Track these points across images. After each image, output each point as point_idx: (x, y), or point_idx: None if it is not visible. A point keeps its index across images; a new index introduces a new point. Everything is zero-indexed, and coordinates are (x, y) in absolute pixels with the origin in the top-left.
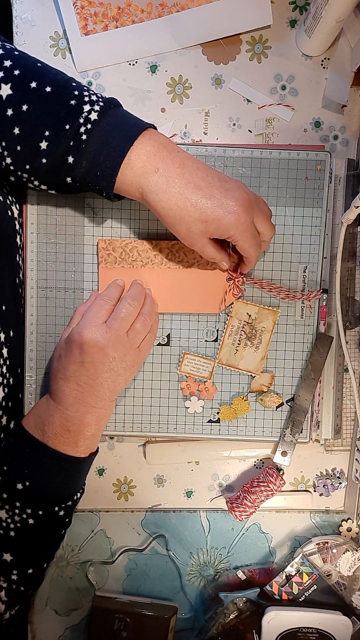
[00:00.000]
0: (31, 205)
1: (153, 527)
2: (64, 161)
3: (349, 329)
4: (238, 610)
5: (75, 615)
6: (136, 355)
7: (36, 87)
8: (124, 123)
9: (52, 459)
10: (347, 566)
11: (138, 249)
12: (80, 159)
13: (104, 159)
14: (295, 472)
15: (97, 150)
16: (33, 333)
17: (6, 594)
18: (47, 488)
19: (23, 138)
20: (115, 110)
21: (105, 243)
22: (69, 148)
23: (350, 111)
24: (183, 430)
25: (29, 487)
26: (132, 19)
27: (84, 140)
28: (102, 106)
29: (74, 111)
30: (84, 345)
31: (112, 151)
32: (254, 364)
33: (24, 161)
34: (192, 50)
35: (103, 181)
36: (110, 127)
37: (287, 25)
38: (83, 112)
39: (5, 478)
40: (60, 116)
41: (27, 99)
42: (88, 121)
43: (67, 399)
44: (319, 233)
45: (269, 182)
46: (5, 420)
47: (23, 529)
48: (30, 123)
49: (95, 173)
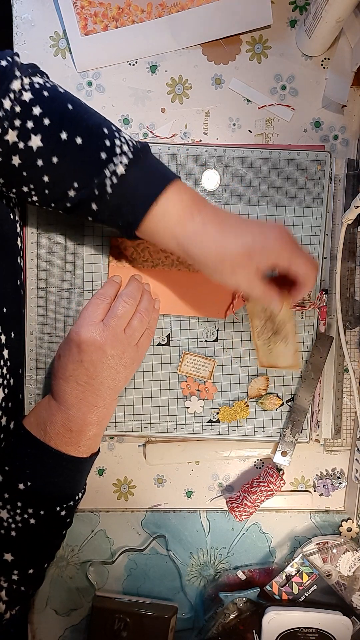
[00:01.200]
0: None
1: (153, 527)
2: (88, 207)
3: (349, 329)
4: (238, 610)
5: (75, 615)
6: (135, 352)
7: (67, 139)
8: (150, 176)
9: (54, 459)
10: (347, 566)
11: (149, 249)
12: (104, 208)
13: (126, 212)
14: (295, 472)
15: (121, 204)
16: (33, 333)
17: (6, 593)
18: (48, 488)
19: (51, 186)
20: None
21: (117, 242)
22: (94, 197)
23: (350, 111)
24: (183, 430)
25: (30, 487)
26: (132, 19)
27: (109, 194)
28: (131, 159)
29: (104, 164)
30: (81, 344)
31: (135, 205)
32: (290, 358)
33: (50, 202)
34: (192, 50)
35: (124, 231)
36: (136, 181)
37: (287, 25)
38: (111, 164)
39: (6, 478)
40: (90, 170)
41: (57, 151)
42: (114, 175)
43: (69, 399)
44: (319, 233)
45: (269, 182)
46: (5, 421)
47: (24, 529)
48: (59, 174)
49: (117, 222)
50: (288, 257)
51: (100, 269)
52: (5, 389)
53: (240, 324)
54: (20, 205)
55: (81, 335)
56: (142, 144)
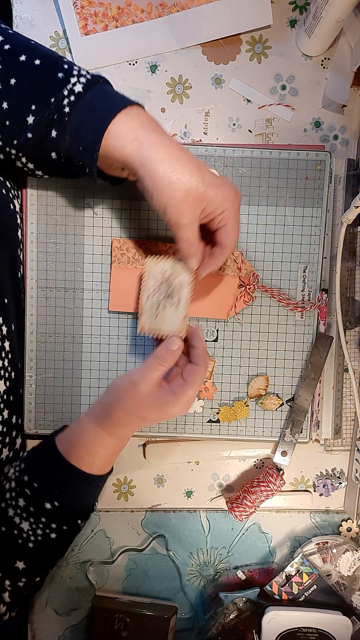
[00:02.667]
0: (31, 205)
1: (153, 527)
2: (48, 134)
3: (349, 329)
4: (238, 610)
5: (75, 615)
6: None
7: (25, 60)
8: (109, 97)
9: (84, 481)
10: (347, 566)
11: (151, 250)
12: (64, 133)
13: (85, 133)
14: (295, 472)
15: (79, 123)
16: (33, 333)
17: (10, 596)
18: (74, 506)
19: (11, 112)
20: (103, 85)
21: (119, 242)
22: (53, 121)
23: (350, 111)
24: (183, 430)
25: (57, 507)
26: (132, 19)
27: (67, 113)
28: (88, 79)
29: (61, 84)
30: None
31: (93, 124)
32: (177, 324)
33: (12, 136)
34: (192, 50)
35: (85, 156)
36: (94, 100)
37: (287, 25)
38: (69, 84)
39: (34, 494)
40: (48, 89)
41: (15, 72)
42: (72, 93)
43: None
44: (319, 233)
45: (269, 182)
46: (7, 414)
47: (43, 542)
48: (18, 97)
49: (78, 147)
50: (231, 210)
51: (100, 269)
52: (6, 381)
53: (241, 324)
54: (20, 203)
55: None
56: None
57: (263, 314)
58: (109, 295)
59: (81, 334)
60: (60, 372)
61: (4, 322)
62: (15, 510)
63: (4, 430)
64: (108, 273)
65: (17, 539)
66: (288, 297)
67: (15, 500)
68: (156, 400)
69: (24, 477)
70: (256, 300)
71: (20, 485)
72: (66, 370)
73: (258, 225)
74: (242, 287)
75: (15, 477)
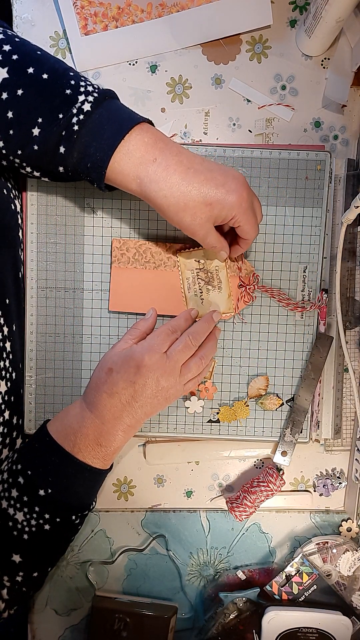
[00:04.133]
0: (31, 205)
1: (153, 527)
2: (55, 150)
3: (349, 329)
4: (238, 610)
5: (75, 615)
6: (180, 391)
7: (33, 73)
8: (117, 115)
9: (78, 470)
10: (347, 566)
11: (152, 250)
12: (72, 150)
13: (94, 151)
14: (295, 472)
15: (88, 142)
16: (33, 333)
17: (8, 592)
18: (68, 497)
19: (16, 122)
20: (110, 102)
21: (119, 243)
22: (61, 138)
23: (350, 111)
24: (183, 430)
25: (50, 495)
26: (132, 19)
27: (76, 131)
28: (96, 97)
29: (69, 100)
30: (141, 368)
31: (103, 143)
32: (224, 304)
33: (16, 146)
34: (192, 50)
35: (93, 172)
36: (102, 119)
37: (287, 25)
38: (77, 102)
39: (28, 482)
40: (55, 104)
41: (23, 83)
42: (81, 112)
43: (107, 414)
44: (319, 233)
45: (269, 182)
46: (8, 415)
47: (37, 533)
48: (24, 108)
49: (86, 164)
50: (241, 213)
51: (100, 269)
52: (7, 382)
53: (241, 324)
54: (20, 203)
55: (145, 359)
56: (108, 89)
57: (263, 314)
58: (109, 295)
59: (81, 334)
60: (60, 372)
61: (6, 323)
62: (9, 501)
63: (5, 431)
64: (108, 273)
65: (12, 530)
66: (288, 297)
67: (8, 491)
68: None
69: (17, 466)
70: (256, 300)
71: (13, 475)
72: (66, 370)
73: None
74: (242, 287)
75: (8, 468)
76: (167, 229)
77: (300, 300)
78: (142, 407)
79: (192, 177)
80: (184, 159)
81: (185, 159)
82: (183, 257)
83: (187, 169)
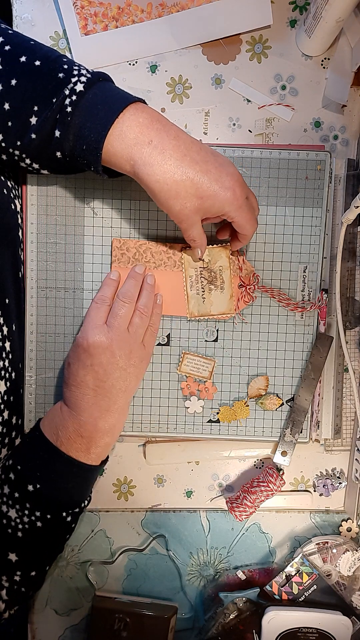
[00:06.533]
0: (31, 205)
1: (153, 527)
2: (52, 135)
3: (349, 329)
4: (238, 610)
5: (75, 615)
6: (142, 350)
7: (25, 61)
8: (110, 96)
9: (64, 464)
10: (347, 566)
11: (152, 250)
12: (67, 132)
13: (88, 132)
14: (295, 472)
15: (82, 123)
16: (33, 333)
17: (7, 593)
18: (56, 493)
19: (13, 113)
20: (104, 83)
21: (119, 242)
22: (56, 121)
23: (350, 111)
24: (183, 430)
25: (39, 490)
26: (132, 19)
27: (69, 113)
28: (89, 78)
29: (62, 83)
30: (89, 348)
31: (96, 124)
32: (224, 305)
33: (15, 137)
34: (192, 50)
35: (89, 155)
36: (96, 99)
37: (287, 25)
38: (69, 84)
39: (18, 477)
40: (48, 90)
41: (16, 73)
42: (73, 92)
43: (80, 404)
44: (319, 233)
45: (269, 182)
46: (7, 415)
47: (30, 531)
48: (19, 98)
49: (82, 147)
50: (234, 210)
51: (100, 269)
52: (7, 382)
53: (241, 324)
54: (20, 203)
55: (88, 339)
56: (103, 72)
57: (263, 314)
58: None
59: None
60: (61, 372)
61: (5, 323)
62: (2, 498)
63: (4, 431)
64: (108, 273)
65: (6, 528)
66: (288, 297)
67: (1, 488)
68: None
69: (9, 462)
70: (256, 300)
71: (5, 471)
72: None
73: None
74: (242, 287)
75: (2, 465)
76: (167, 229)
77: (300, 300)
78: (113, 385)
79: (188, 165)
80: (182, 143)
81: (182, 143)
82: (188, 255)
83: (184, 155)
